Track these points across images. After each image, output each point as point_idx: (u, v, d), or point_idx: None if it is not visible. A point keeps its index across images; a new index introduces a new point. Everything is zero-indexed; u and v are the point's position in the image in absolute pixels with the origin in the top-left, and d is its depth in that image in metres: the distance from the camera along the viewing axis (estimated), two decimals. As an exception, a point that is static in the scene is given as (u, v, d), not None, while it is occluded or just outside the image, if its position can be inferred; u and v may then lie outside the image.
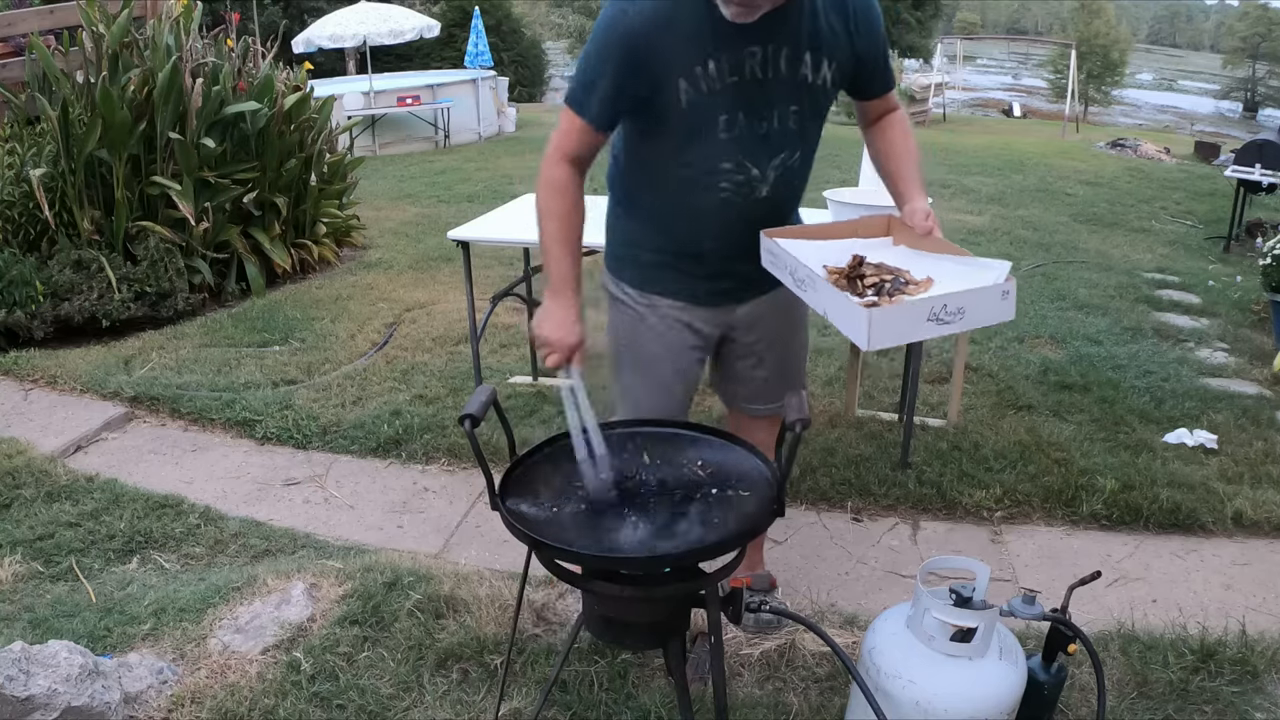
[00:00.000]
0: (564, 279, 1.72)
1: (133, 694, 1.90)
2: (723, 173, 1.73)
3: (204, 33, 5.14)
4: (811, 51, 1.68)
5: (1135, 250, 6.42)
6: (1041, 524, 2.83)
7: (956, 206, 7.68)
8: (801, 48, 1.67)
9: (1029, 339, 4.37)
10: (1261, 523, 2.78)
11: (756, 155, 1.74)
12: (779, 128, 1.73)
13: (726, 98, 1.66)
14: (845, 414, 3.47)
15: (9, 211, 4.43)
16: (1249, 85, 39.93)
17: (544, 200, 1.73)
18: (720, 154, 1.72)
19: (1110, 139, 13.55)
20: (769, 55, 1.65)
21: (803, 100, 1.73)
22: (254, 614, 2.21)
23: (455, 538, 2.80)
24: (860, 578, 2.57)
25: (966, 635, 1.60)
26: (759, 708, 1.95)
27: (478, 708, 1.96)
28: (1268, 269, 4.41)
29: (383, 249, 6.20)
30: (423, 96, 12.12)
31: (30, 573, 2.51)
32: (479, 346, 3.48)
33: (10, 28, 4.96)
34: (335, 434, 3.39)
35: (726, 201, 1.77)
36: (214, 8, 6.44)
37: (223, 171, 4.87)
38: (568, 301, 1.71)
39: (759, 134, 1.72)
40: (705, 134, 1.69)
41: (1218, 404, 3.62)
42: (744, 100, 1.68)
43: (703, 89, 1.65)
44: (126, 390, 3.69)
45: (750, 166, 1.74)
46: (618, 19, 1.63)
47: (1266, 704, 1.98)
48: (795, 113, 1.73)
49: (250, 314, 4.70)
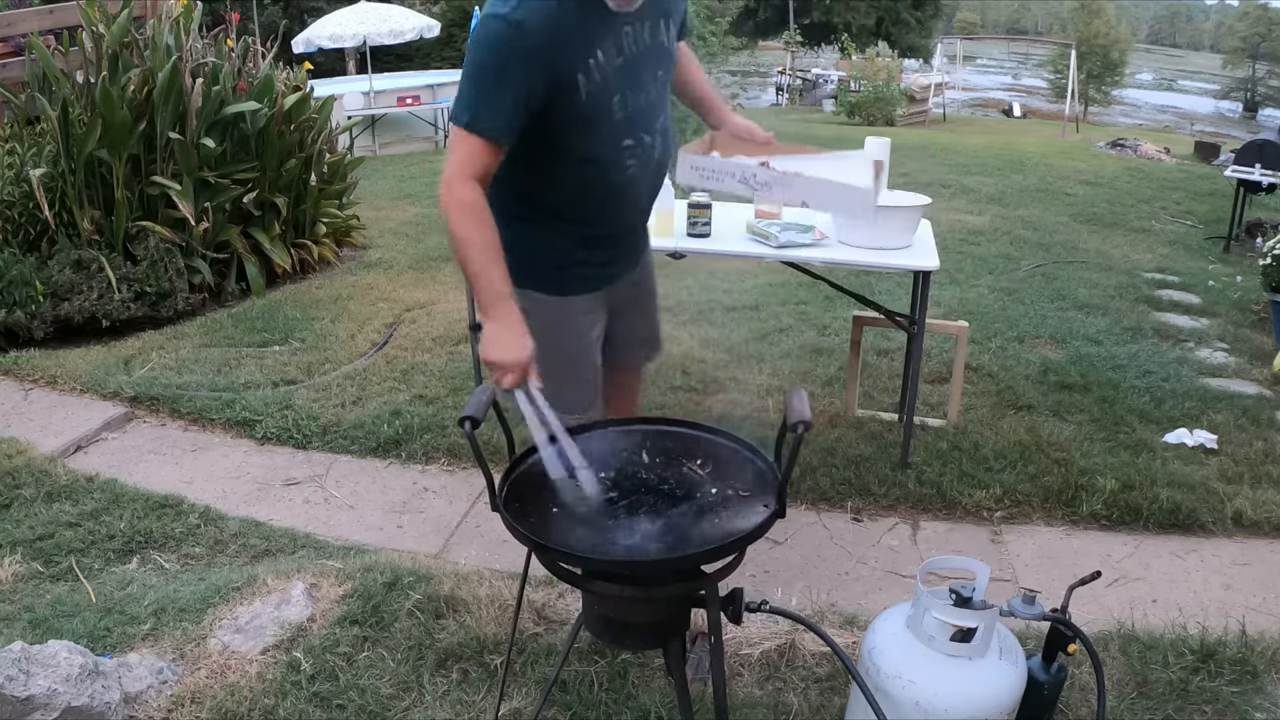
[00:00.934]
0: (499, 295, 1.69)
1: (133, 694, 1.90)
2: (626, 150, 1.81)
3: (204, 33, 5.14)
4: (664, 18, 1.84)
5: (1135, 250, 6.41)
6: (1041, 524, 2.83)
7: (956, 206, 7.67)
8: (658, 16, 1.82)
9: (1029, 339, 4.37)
10: (1261, 523, 2.78)
11: (647, 124, 1.84)
12: (655, 95, 1.86)
13: (616, 79, 1.75)
14: (845, 414, 3.47)
15: (9, 211, 4.43)
16: (1249, 85, 39.91)
17: (461, 226, 1.68)
18: (620, 133, 1.80)
19: (1110, 139, 13.54)
20: (639, 30, 1.78)
21: (664, 63, 1.88)
22: (254, 614, 2.21)
23: (455, 538, 2.80)
24: (860, 578, 2.57)
25: (966, 635, 1.61)
26: (759, 708, 1.95)
27: (478, 708, 1.96)
28: (1268, 269, 4.41)
29: (383, 249, 6.20)
30: (423, 96, 12.12)
31: (30, 573, 2.51)
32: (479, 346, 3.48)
33: (10, 28, 4.96)
34: (335, 434, 3.39)
35: (634, 176, 1.87)
36: (214, 8, 6.44)
37: (223, 171, 4.86)
38: (510, 316, 1.69)
39: (643, 105, 1.82)
40: (604, 119, 1.77)
41: (1218, 404, 3.62)
42: (629, 77, 1.78)
43: (596, 78, 1.72)
44: (126, 390, 3.69)
45: (645, 136, 1.84)
46: (507, 34, 1.63)
47: (1266, 704, 1.98)
48: (660, 77, 1.88)
49: (250, 314, 4.70)
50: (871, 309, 3.14)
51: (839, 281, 3.58)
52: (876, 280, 5.16)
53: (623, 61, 1.75)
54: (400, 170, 9.90)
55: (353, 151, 7.03)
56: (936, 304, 4.77)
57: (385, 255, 6.01)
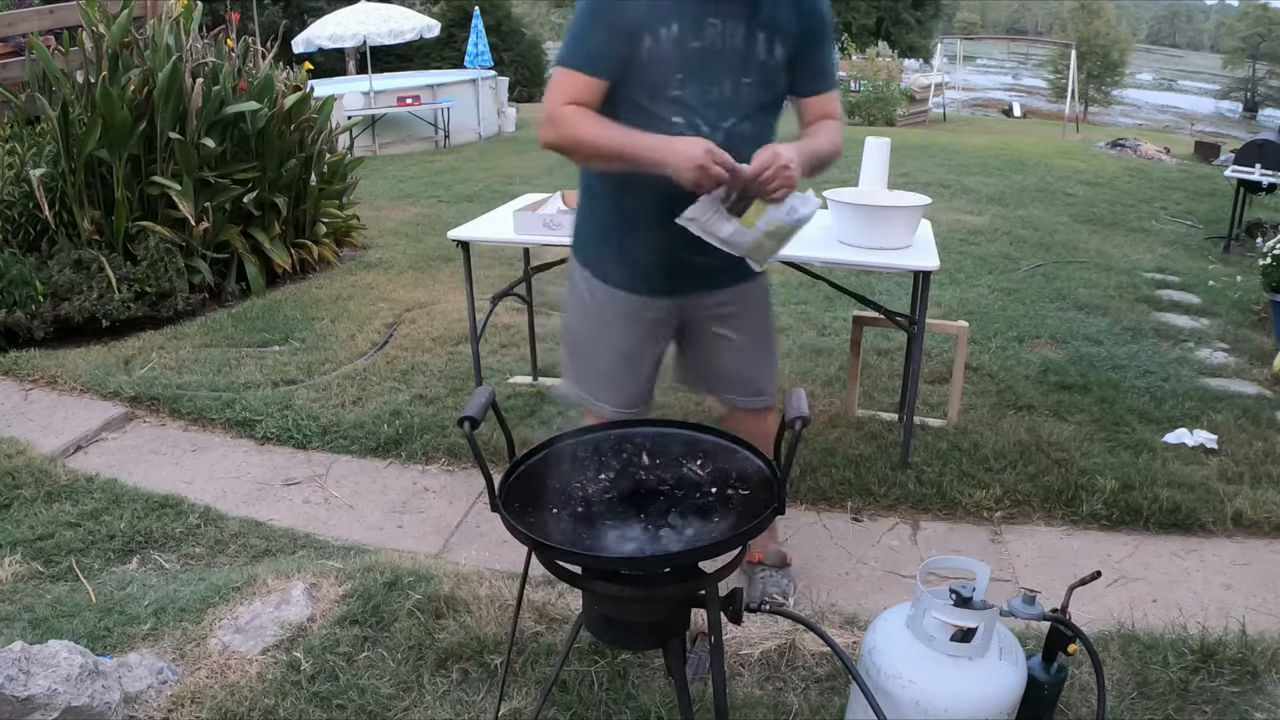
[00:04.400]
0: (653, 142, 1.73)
1: (133, 694, 1.90)
2: (675, 127, 1.81)
3: (204, 33, 5.14)
4: (764, 31, 1.82)
5: (1135, 250, 6.42)
6: (1041, 524, 2.83)
7: (956, 206, 7.68)
8: (755, 27, 1.81)
9: (1029, 339, 4.37)
10: (1261, 523, 2.78)
11: (709, 116, 1.84)
12: (730, 95, 1.85)
13: (684, 58, 1.79)
14: (845, 414, 3.47)
15: (9, 211, 4.43)
16: (1249, 85, 39.91)
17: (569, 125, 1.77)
18: (672, 109, 1.82)
19: (1110, 139, 13.54)
20: (727, 29, 1.80)
21: (754, 75, 1.85)
22: (254, 614, 2.20)
23: (455, 538, 2.80)
24: (860, 578, 2.57)
25: (966, 635, 1.60)
26: (759, 708, 1.95)
27: (478, 708, 1.96)
28: (1268, 269, 4.41)
29: (383, 249, 6.20)
30: (423, 96, 12.12)
31: (30, 573, 2.51)
32: (479, 346, 3.48)
33: (10, 28, 4.95)
34: (335, 434, 3.39)
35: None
36: (214, 8, 6.44)
37: (223, 171, 4.87)
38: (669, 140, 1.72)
39: (709, 97, 1.83)
40: (660, 88, 1.81)
41: (1218, 404, 3.62)
42: (700, 65, 1.80)
43: (663, 48, 1.77)
44: (126, 390, 3.69)
45: (701, 125, 1.83)
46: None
47: (1266, 704, 1.98)
48: (748, 85, 1.85)
49: (250, 314, 4.70)
50: (871, 309, 3.14)
51: (839, 281, 3.58)
52: (876, 280, 5.16)
53: (699, 46, 1.79)
54: (400, 170, 9.90)
55: (353, 151, 7.03)
56: (936, 304, 4.77)
57: (385, 255, 6.02)
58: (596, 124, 1.78)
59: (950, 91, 22.62)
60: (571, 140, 1.79)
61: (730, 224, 1.78)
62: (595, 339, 2.13)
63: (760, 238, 1.80)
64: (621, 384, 2.15)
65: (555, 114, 1.79)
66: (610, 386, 2.15)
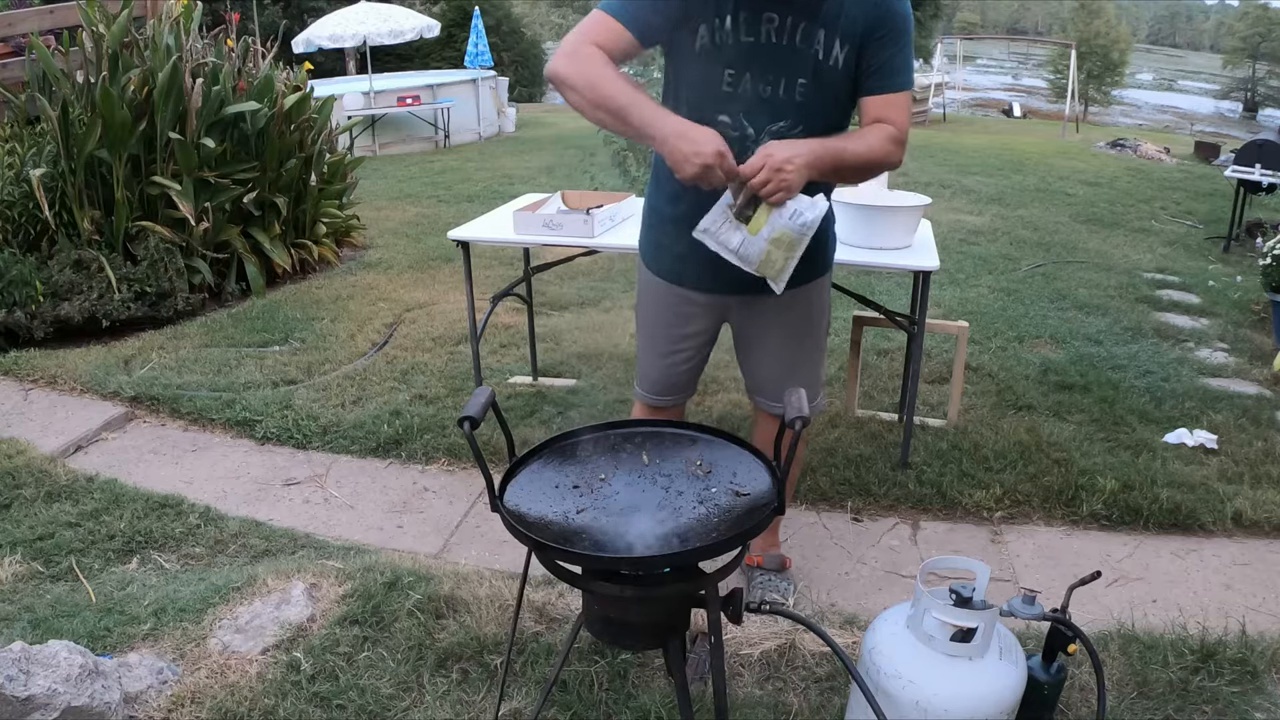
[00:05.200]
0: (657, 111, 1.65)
1: (133, 694, 1.90)
2: (719, 125, 1.75)
3: (204, 33, 5.14)
4: (826, 30, 1.73)
5: (1135, 250, 6.42)
6: (1041, 524, 2.83)
7: (956, 206, 7.68)
8: (816, 25, 1.72)
9: (1029, 339, 4.37)
10: (1261, 523, 2.78)
11: (754, 115, 1.79)
12: (784, 96, 1.78)
13: (738, 54, 1.74)
14: (845, 414, 3.47)
15: (9, 211, 4.43)
16: (1249, 85, 39.91)
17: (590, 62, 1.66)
18: (719, 106, 1.78)
19: (1110, 139, 13.55)
20: (785, 25, 1.72)
21: (811, 75, 1.77)
22: (254, 614, 2.20)
23: (455, 538, 2.80)
24: (860, 578, 2.57)
25: (966, 635, 1.60)
26: (759, 708, 1.95)
27: (478, 708, 1.96)
28: (1268, 269, 4.41)
29: (383, 249, 6.20)
30: (423, 96, 12.13)
31: (30, 573, 2.51)
32: (479, 346, 3.48)
33: (10, 28, 4.96)
34: (335, 434, 3.39)
35: None
36: (214, 8, 6.44)
37: (223, 171, 4.86)
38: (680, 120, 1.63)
39: (762, 96, 1.77)
40: (709, 80, 1.76)
41: (1218, 404, 3.62)
42: (754, 61, 1.74)
43: (717, 40, 1.73)
44: (126, 390, 3.69)
45: (746, 125, 1.79)
46: None
47: (1266, 704, 1.98)
48: (803, 86, 1.77)
49: (250, 314, 4.70)
50: (871, 309, 3.14)
51: (839, 281, 3.57)
52: (876, 280, 5.16)
53: (753, 42, 1.73)
54: (400, 170, 9.90)
55: (353, 151, 7.03)
56: (936, 304, 4.77)
57: (385, 255, 6.02)
58: (615, 73, 1.68)
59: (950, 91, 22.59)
60: (584, 78, 1.66)
61: (739, 233, 1.72)
62: (639, 323, 2.23)
63: (766, 246, 1.72)
64: (652, 370, 2.21)
65: (580, 49, 1.68)
66: (643, 371, 2.24)
